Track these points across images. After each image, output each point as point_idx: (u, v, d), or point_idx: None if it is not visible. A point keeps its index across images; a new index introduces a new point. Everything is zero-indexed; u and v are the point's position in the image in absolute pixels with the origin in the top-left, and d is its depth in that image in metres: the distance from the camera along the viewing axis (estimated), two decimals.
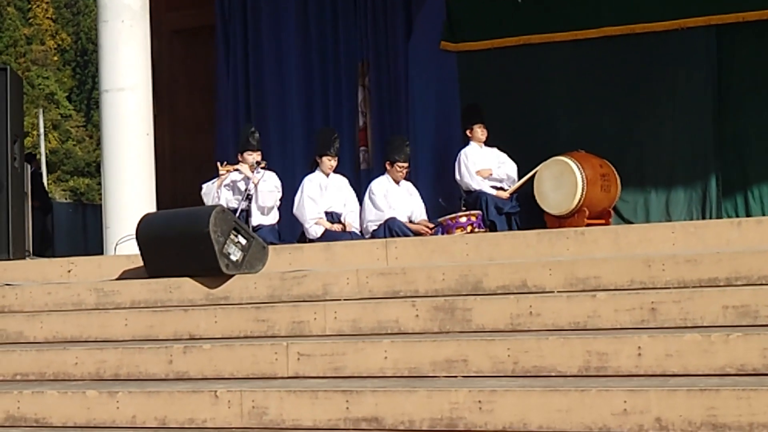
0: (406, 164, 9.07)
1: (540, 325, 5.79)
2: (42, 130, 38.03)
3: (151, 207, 8.32)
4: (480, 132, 9.37)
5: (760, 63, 9.09)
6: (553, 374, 5.29)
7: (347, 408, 5.23)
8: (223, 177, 8.84)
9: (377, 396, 5.21)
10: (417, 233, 8.64)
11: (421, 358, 5.60)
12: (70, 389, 5.95)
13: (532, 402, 4.91)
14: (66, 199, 35.95)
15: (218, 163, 8.92)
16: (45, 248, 13.65)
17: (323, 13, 10.76)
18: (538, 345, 5.38)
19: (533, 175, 8.99)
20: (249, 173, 8.76)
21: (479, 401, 4.99)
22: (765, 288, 5.55)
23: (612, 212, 9.16)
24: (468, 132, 9.44)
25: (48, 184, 31.91)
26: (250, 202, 8.76)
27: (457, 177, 9.35)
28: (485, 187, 9.21)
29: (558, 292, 6.06)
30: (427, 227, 8.87)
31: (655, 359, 5.12)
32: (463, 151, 9.36)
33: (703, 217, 9.07)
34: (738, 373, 4.96)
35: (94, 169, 39.94)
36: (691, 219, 9.05)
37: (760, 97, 9.07)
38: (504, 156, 9.43)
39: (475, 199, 9.20)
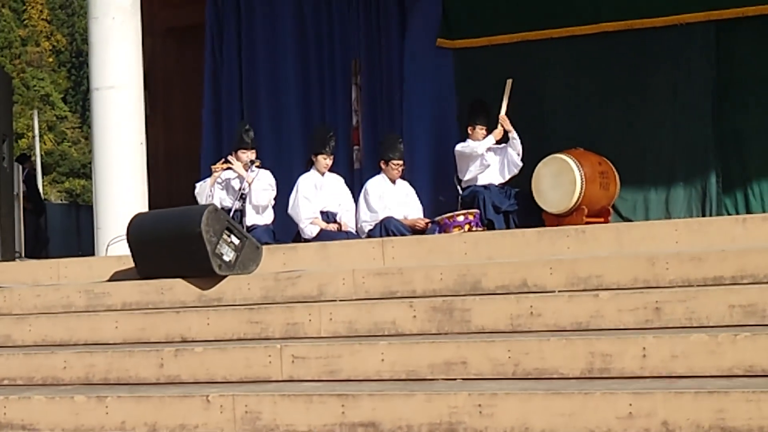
0: (401, 162, 8.96)
1: (541, 325, 5.66)
2: (37, 132, 37.89)
3: (143, 206, 8.19)
4: (481, 135, 9.20)
5: (760, 59, 8.98)
6: (555, 376, 5.16)
7: (343, 412, 5.10)
8: (215, 175, 8.71)
9: (374, 400, 5.08)
10: (412, 227, 8.55)
11: (418, 360, 5.46)
12: (58, 394, 5.82)
13: (533, 406, 4.78)
14: (62, 200, 35.84)
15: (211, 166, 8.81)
16: (39, 250, 13.52)
17: (319, 9, 10.63)
18: (539, 346, 5.25)
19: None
20: (243, 172, 8.63)
21: (479, 405, 4.86)
22: None
23: (611, 210, 9.05)
24: (469, 129, 9.28)
25: (44, 185, 31.80)
26: (244, 202, 8.64)
27: (459, 168, 9.19)
28: (489, 143, 9.03)
29: (559, 291, 5.93)
30: (423, 221, 8.75)
31: (661, 360, 4.99)
32: (458, 145, 9.23)
33: (703, 215, 8.96)
34: (747, 374, 4.83)
35: (89, 170, 39.73)
36: (691, 216, 8.93)
37: (760, 94, 8.96)
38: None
39: (472, 198, 9.08)
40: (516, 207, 8.98)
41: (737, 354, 4.88)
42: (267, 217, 8.76)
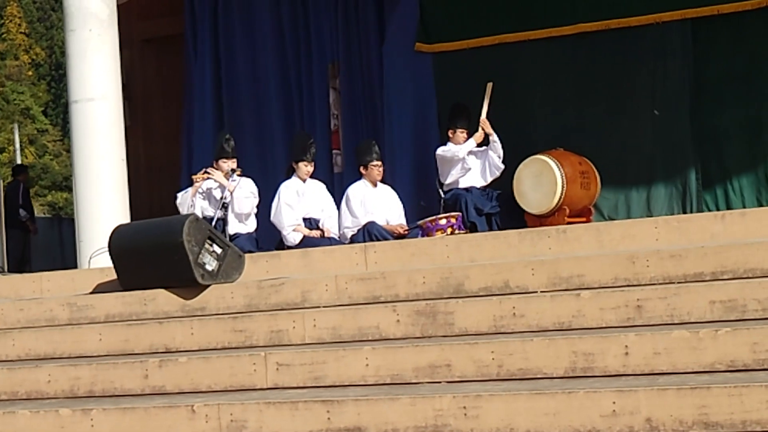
0: (379, 162, 8.98)
1: (524, 326, 5.67)
2: (18, 145, 37.69)
3: (125, 218, 8.17)
4: (462, 138, 9.22)
5: (736, 55, 9.03)
6: (539, 376, 5.17)
7: (329, 418, 5.10)
8: (196, 185, 8.69)
9: (359, 405, 5.08)
10: (392, 232, 8.57)
11: (403, 364, 5.47)
12: (42, 408, 5.80)
13: (518, 406, 4.78)
14: (44, 213, 35.63)
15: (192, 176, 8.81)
16: (22, 266, 13.43)
17: (297, 15, 10.64)
18: (522, 347, 5.26)
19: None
20: (224, 181, 8.62)
21: (464, 407, 4.87)
22: (752, 281, 5.45)
23: (593, 210, 9.07)
24: (450, 132, 9.31)
25: None
26: (226, 211, 8.62)
27: (441, 171, 9.21)
28: (470, 146, 9.06)
29: (541, 292, 5.94)
30: (402, 227, 8.76)
31: (643, 358, 5.01)
32: (439, 149, 9.25)
33: (684, 212, 8.99)
34: (728, 369, 4.85)
35: (71, 183, 39.48)
36: (673, 214, 8.96)
37: (737, 90, 9.01)
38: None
39: (454, 201, 9.09)
40: (498, 209, 9.00)
41: (718, 349, 4.90)
42: (250, 226, 8.75)
